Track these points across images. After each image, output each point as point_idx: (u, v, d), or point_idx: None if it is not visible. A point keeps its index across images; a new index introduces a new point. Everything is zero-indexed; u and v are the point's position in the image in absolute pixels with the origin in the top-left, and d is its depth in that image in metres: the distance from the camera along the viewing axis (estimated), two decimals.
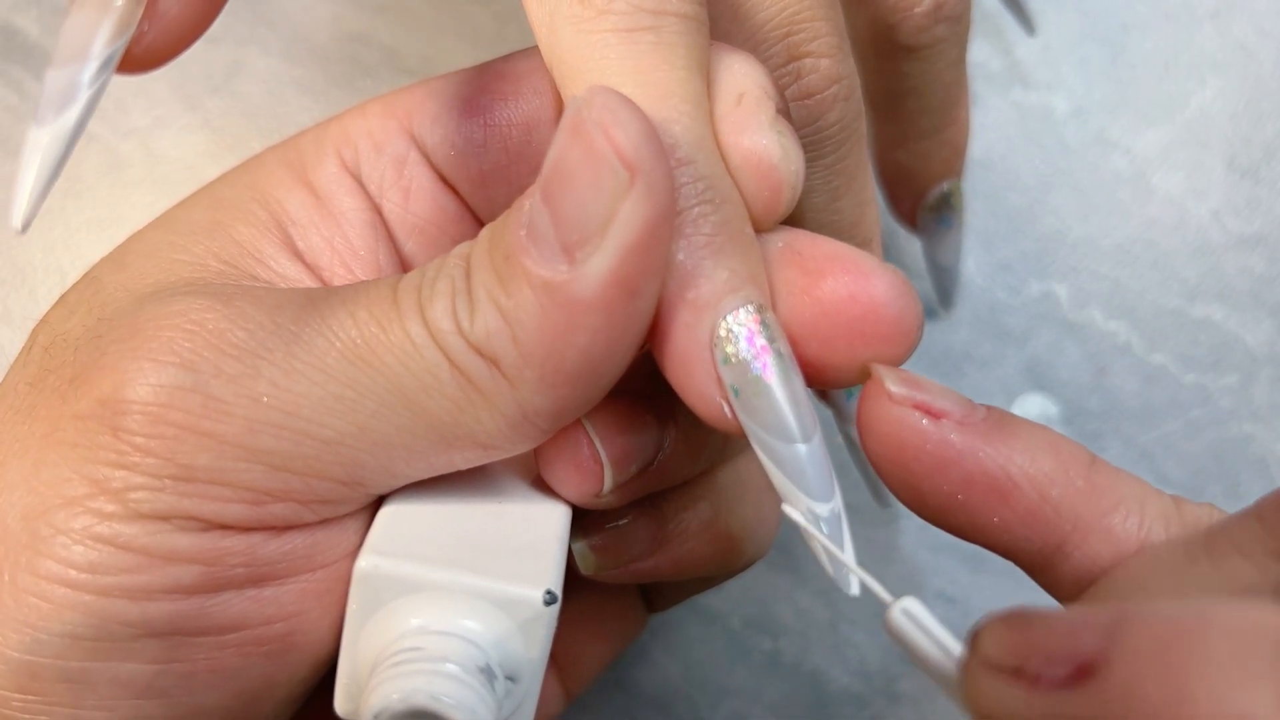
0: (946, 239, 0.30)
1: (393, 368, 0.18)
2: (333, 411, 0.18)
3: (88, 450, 0.18)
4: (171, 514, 0.18)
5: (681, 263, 0.17)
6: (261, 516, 0.18)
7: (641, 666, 0.32)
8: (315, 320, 0.18)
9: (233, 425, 0.18)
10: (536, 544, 0.19)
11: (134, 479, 0.18)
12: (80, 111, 0.17)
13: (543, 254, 0.17)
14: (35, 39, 0.33)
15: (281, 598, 0.19)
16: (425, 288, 0.18)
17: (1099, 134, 0.34)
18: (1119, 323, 0.33)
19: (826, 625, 0.32)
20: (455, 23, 0.34)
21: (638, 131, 0.16)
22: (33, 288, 0.33)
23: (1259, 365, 0.33)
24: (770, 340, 0.18)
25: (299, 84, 0.33)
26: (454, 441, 0.18)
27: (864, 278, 0.18)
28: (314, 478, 0.18)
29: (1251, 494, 0.32)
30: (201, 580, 0.18)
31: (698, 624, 0.32)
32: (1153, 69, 0.34)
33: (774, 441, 0.18)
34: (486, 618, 0.18)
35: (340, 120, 0.23)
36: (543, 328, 0.17)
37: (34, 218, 0.16)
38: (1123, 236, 0.33)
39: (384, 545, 0.18)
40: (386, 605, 0.18)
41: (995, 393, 0.33)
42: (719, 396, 0.18)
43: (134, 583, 0.18)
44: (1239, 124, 0.34)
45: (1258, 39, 0.34)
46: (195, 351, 0.18)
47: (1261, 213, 0.33)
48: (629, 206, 0.16)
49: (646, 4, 0.18)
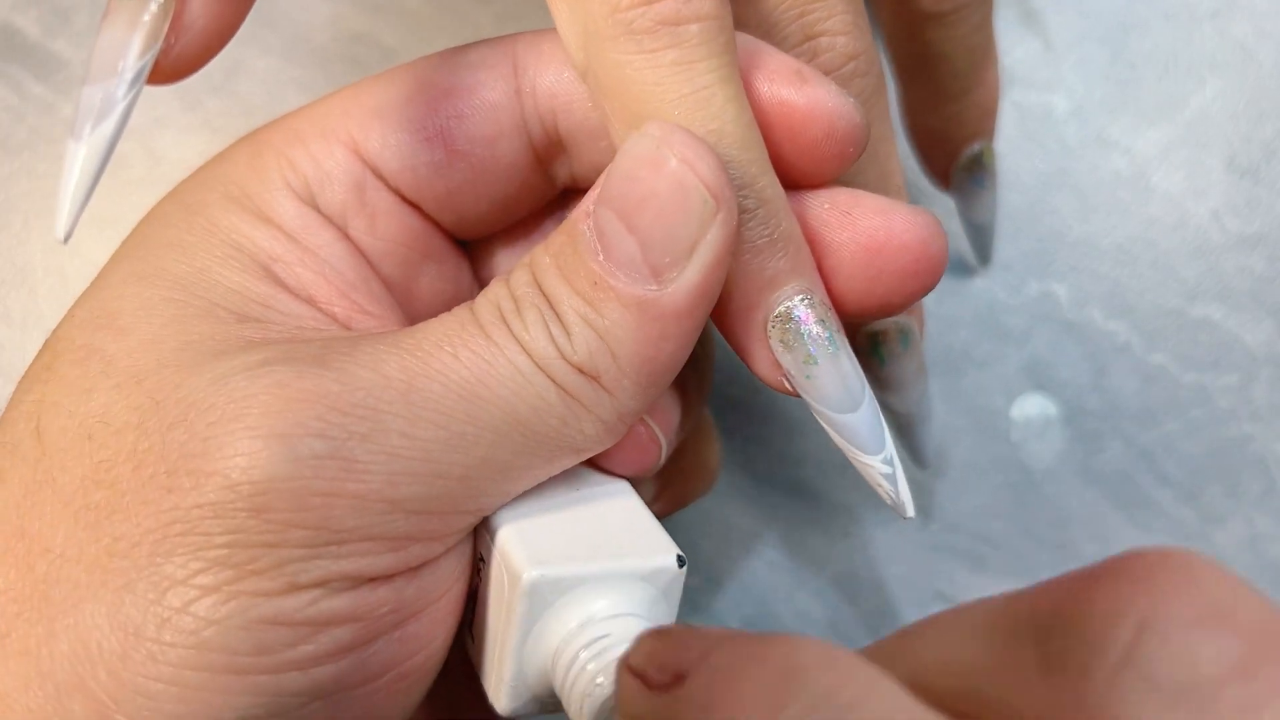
0: (981, 198, 0.30)
1: (506, 399, 0.19)
2: (458, 449, 0.19)
3: (225, 536, 0.18)
4: (326, 579, 0.18)
5: (738, 262, 0.20)
6: (406, 560, 0.19)
7: None
8: (420, 367, 0.19)
9: (374, 482, 0.18)
10: (635, 519, 0.21)
11: (285, 554, 0.18)
12: (115, 125, 0.17)
13: (631, 276, 0.19)
14: (35, 39, 0.33)
15: (420, 632, 0.20)
16: (512, 320, 0.19)
17: (1099, 134, 0.34)
18: (1119, 323, 0.33)
19: (826, 625, 0.32)
20: (455, 23, 0.34)
21: (716, 164, 0.18)
22: (33, 287, 0.33)
23: (1259, 365, 0.33)
24: (820, 322, 0.20)
25: (299, 84, 0.33)
26: (558, 453, 0.20)
27: (891, 216, 0.21)
28: (449, 514, 0.19)
29: (1251, 494, 0.32)
30: (359, 635, 0.19)
31: (697, 624, 0.32)
32: (1153, 69, 0.34)
33: (829, 411, 0.20)
34: (640, 593, 0.20)
35: (274, 147, 0.22)
36: (638, 340, 0.19)
37: (74, 228, 0.17)
38: (1122, 236, 0.33)
39: (537, 556, 0.19)
40: (551, 606, 0.19)
41: (995, 392, 0.33)
42: (779, 375, 0.20)
43: (301, 654, 0.18)
44: (1239, 124, 0.34)
45: (1258, 39, 0.34)
46: (321, 419, 0.18)
47: (1261, 213, 0.33)
48: (714, 231, 0.18)
49: (667, 14, 0.19)
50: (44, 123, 0.33)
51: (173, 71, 0.18)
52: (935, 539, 0.32)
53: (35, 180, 0.33)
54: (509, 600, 0.19)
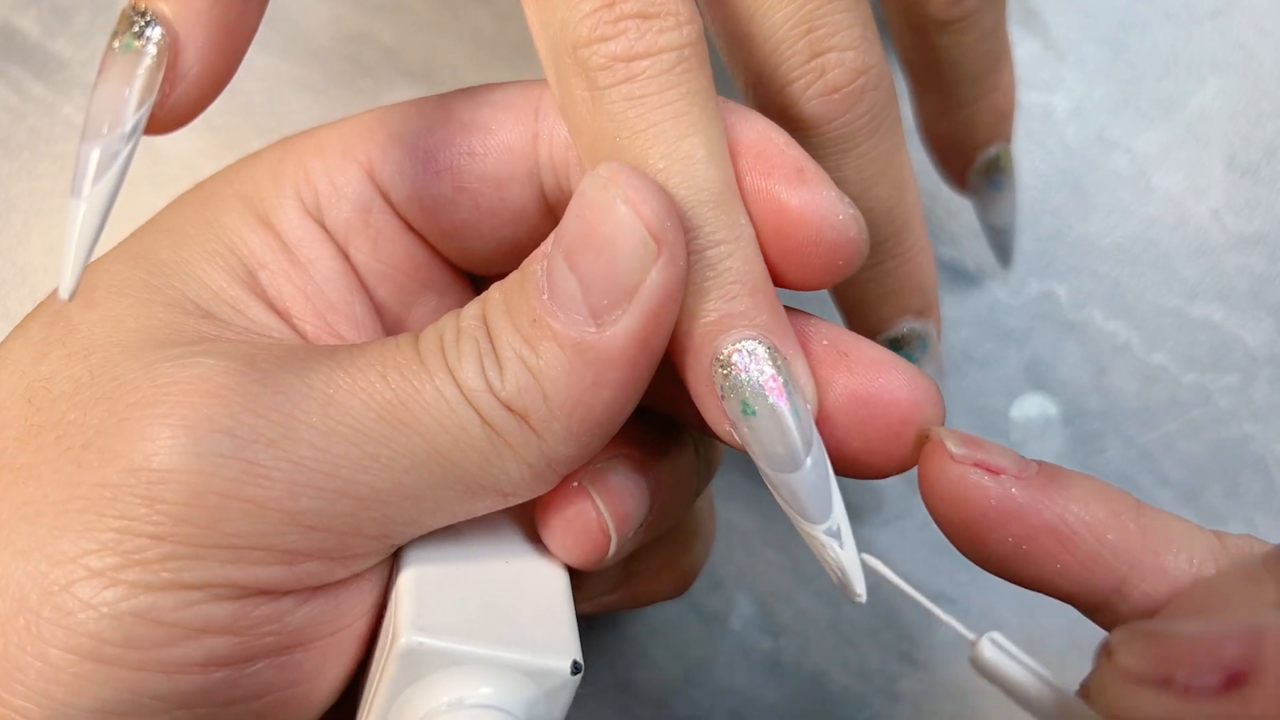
0: (999, 201, 0.30)
1: (428, 426, 0.18)
2: (369, 470, 0.18)
3: (117, 520, 0.17)
4: (210, 583, 0.18)
5: (685, 302, 0.19)
6: (298, 576, 0.18)
7: (641, 666, 0.32)
8: (346, 381, 0.18)
9: (275, 490, 0.18)
10: (552, 609, 0.20)
11: (171, 549, 0.17)
12: (115, 179, 0.18)
13: (570, 317, 0.18)
14: (35, 39, 0.33)
15: (304, 663, 0.19)
16: (450, 350, 0.19)
17: (1099, 134, 0.34)
18: (1119, 323, 0.33)
19: (826, 625, 0.32)
20: (455, 23, 0.34)
21: (661, 206, 0.18)
22: (33, 287, 0.33)
23: (1259, 365, 0.33)
24: (759, 371, 0.19)
25: (298, 83, 0.33)
26: (479, 492, 0.19)
27: (887, 372, 0.20)
28: (349, 535, 0.19)
29: (1251, 494, 0.32)
30: (235, 651, 0.18)
31: (698, 624, 0.32)
32: (1153, 69, 0.34)
33: (764, 467, 0.19)
34: (519, 688, 0.19)
35: (297, 155, 0.22)
36: (571, 383, 0.18)
37: (78, 285, 0.17)
38: (1123, 236, 0.33)
39: (423, 620, 0.19)
40: (425, 677, 0.19)
41: (995, 393, 0.33)
42: (726, 425, 0.19)
43: (169, 656, 0.18)
44: (1239, 123, 0.34)
45: (1258, 38, 0.34)
46: (233, 417, 0.18)
47: (1261, 212, 0.33)
48: (655, 275, 0.18)
49: (619, 51, 0.18)
50: (44, 123, 0.33)
51: (170, 121, 0.18)
52: (935, 539, 0.32)
53: (35, 180, 0.33)
54: (387, 655, 0.19)
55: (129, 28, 0.18)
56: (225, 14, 0.18)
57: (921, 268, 0.24)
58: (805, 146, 0.22)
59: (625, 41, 0.18)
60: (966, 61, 0.27)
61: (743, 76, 0.23)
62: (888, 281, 0.24)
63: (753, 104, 0.23)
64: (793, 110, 0.22)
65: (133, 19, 0.18)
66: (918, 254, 0.24)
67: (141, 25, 0.18)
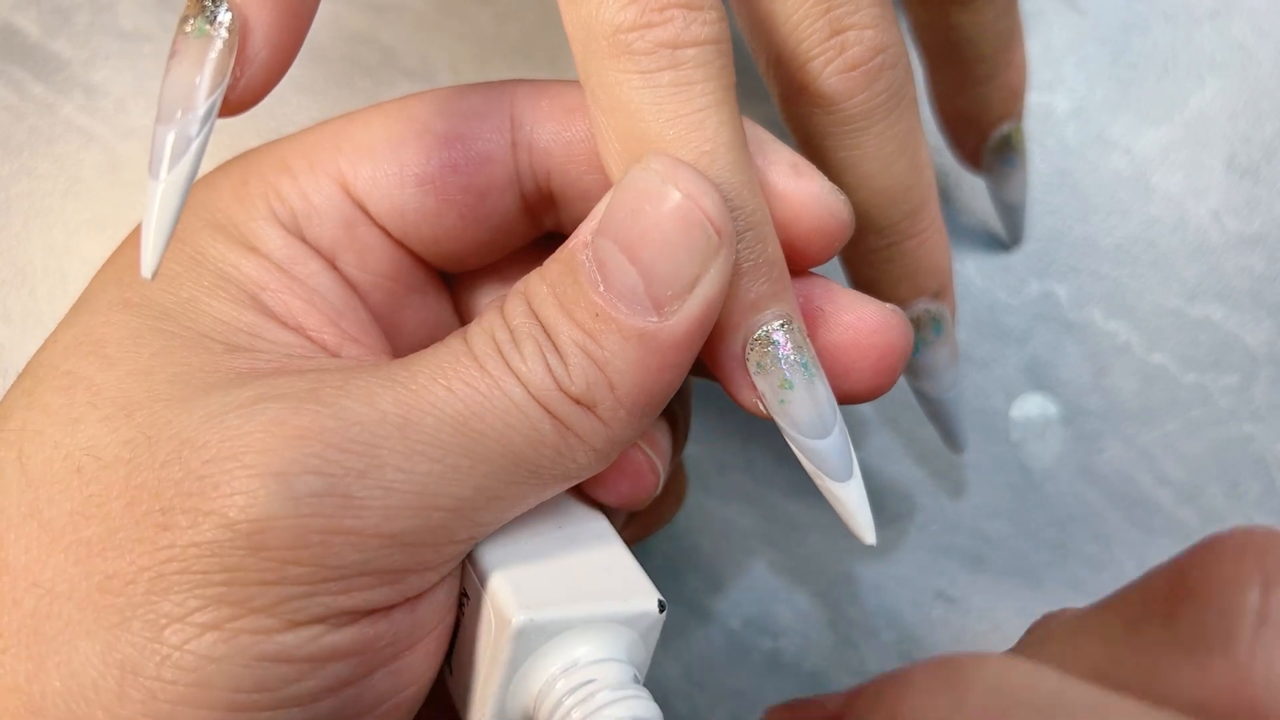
0: (1011, 179, 0.31)
1: (500, 431, 0.19)
2: (454, 482, 0.19)
3: (222, 574, 0.17)
4: (327, 615, 0.18)
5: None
6: (404, 591, 0.19)
7: None
8: (415, 400, 0.19)
9: (372, 518, 0.18)
10: (616, 560, 0.22)
11: (284, 591, 0.18)
12: (192, 162, 0.18)
13: (633, 309, 0.19)
14: (35, 39, 0.33)
15: (414, 664, 0.20)
16: (509, 352, 0.19)
17: (1099, 134, 0.34)
18: (1119, 323, 0.33)
19: (826, 625, 0.32)
20: (455, 23, 0.34)
21: (719, 199, 0.19)
22: (33, 288, 0.33)
23: (1259, 365, 0.33)
24: (797, 348, 0.20)
25: (298, 84, 0.33)
26: (551, 481, 0.20)
27: (861, 313, 0.21)
28: (442, 544, 0.19)
29: (1251, 494, 0.32)
30: (358, 669, 0.19)
31: (698, 624, 0.32)
32: (1152, 69, 0.34)
33: (800, 436, 0.21)
34: (622, 637, 0.20)
35: (261, 175, 0.22)
36: (637, 372, 0.19)
37: (159, 265, 0.18)
38: (1123, 236, 0.33)
39: (526, 599, 0.20)
40: (536, 651, 0.19)
41: (995, 393, 0.33)
42: (754, 397, 0.20)
43: (302, 690, 0.18)
44: (1238, 124, 0.34)
45: (1257, 39, 0.34)
46: (319, 456, 0.18)
47: (1261, 212, 0.33)
48: (717, 265, 0.19)
49: (666, 38, 0.19)
50: (44, 123, 0.33)
51: (240, 104, 0.19)
52: (935, 539, 0.32)
53: (35, 180, 0.33)
54: (496, 641, 0.19)
55: (200, 11, 0.18)
56: None
57: (937, 248, 0.25)
58: (824, 124, 0.23)
59: (672, 29, 0.19)
60: (982, 39, 0.27)
61: (764, 55, 0.23)
62: (904, 262, 0.25)
63: (773, 83, 0.23)
64: (812, 87, 0.22)
65: (204, 3, 0.18)
66: (934, 234, 0.25)
67: (213, 9, 0.18)
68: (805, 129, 0.23)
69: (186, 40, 0.18)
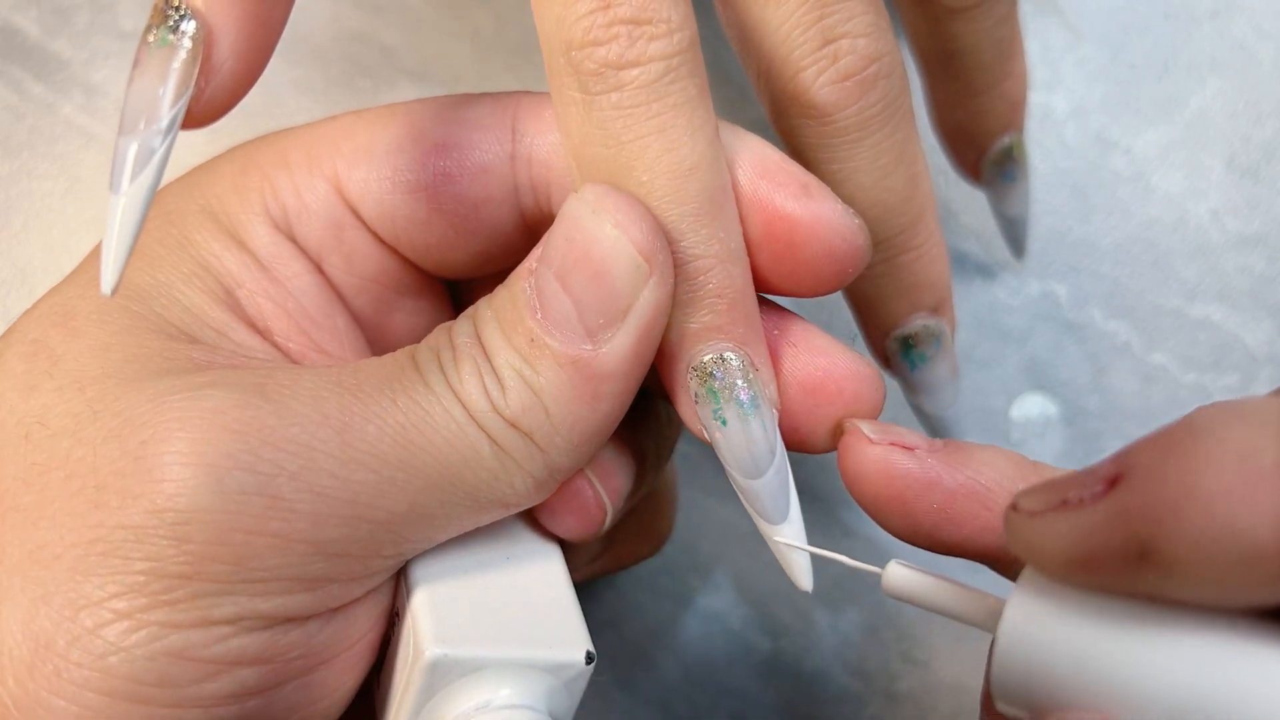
0: (1012, 191, 0.30)
1: (439, 447, 0.19)
2: (387, 494, 0.19)
3: (144, 562, 0.17)
4: (239, 617, 0.18)
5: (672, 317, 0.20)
6: (321, 600, 0.19)
7: (641, 666, 0.32)
8: (359, 408, 0.19)
9: (299, 522, 0.18)
10: (558, 600, 0.21)
11: (199, 587, 0.18)
12: (152, 176, 0.17)
13: (567, 336, 0.19)
14: (35, 39, 0.33)
15: (327, 679, 0.20)
16: (450, 371, 0.19)
17: (1099, 134, 0.34)
18: (1118, 322, 0.33)
19: (826, 625, 0.32)
20: (455, 23, 0.34)
21: (649, 228, 0.18)
22: (33, 288, 0.33)
23: (1259, 365, 0.33)
24: (738, 383, 0.20)
25: (297, 84, 0.33)
26: (487, 505, 0.20)
27: (833, 359, 0.21)
28: (368, 557, 0.19)
29: None
30: (265, 679, 0.19)
31: (698, 624, 0.32)
32: (1152, 69, 0.34)
33: (730, 470, 0.20)
34: (538, 684, 0.20)
35: (260, 167, 0.22)
36: (572, 399, 0.19)
37: (119, 280, 0.17)
38: (1122, 236, 0.33)
39: (444, 632, 0.19)
40: (449, 685, 0.19)
41: (995, 393, 0.33)
42: (698, 425, 0.20)
43: (204, 692, 0.18)
44: (1238, 124, 0.34)
45: (1257, 39, 0.34)
46: (253, 452, 0.18)
47: (1261, 213, 0.33)
48: (647, 294, 0.19)
49: (610, 58, 0.18)
50: (44, 123, 0.33)
51: (205, 116, 0.18)
52: None
53: (35, 180, 0.33)
54: (411, 669, 0.19)
55: (163, 21, 0.18)
56: (257, 7, 0.18)
57: (935, 262, 0.24)
58: (817, 136, 0.22)
59: (616, 48, 0.18)
60: (980, 49, 0.27)
61: (754, 66, 0.22)
62: (901, 277, 0.24)
63: (764, 94, 0.23)
64: (805, 98, 0.22)
65: (167, 12, 0.18)
66: (931, 248, 0.24)
67: (176, 19, 0.18)
68: (798, 141, 0.23)
69: (149, 50, 0.18)
